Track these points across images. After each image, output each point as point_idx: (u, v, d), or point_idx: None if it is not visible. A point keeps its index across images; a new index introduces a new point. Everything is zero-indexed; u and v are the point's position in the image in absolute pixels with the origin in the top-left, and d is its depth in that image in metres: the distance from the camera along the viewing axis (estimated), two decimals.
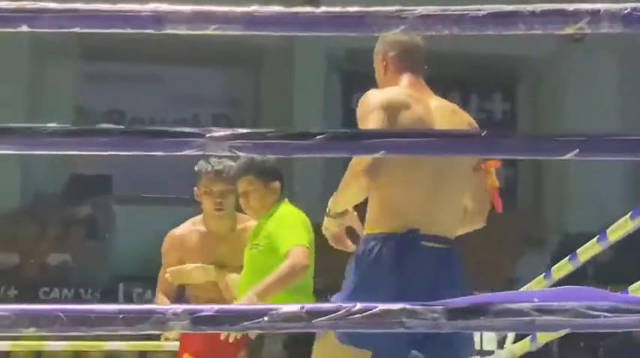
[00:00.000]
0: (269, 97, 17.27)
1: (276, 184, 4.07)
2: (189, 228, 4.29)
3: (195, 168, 4.23)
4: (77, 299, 14.19)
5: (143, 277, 15.00)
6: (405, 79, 3.31)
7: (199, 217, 4.28)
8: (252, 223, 4.14)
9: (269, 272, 3.79)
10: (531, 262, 15.48)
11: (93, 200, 16.73)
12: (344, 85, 17.56)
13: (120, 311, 1.81)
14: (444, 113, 3.18)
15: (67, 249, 15.62)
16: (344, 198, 3.13)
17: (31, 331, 1.85)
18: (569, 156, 1.78)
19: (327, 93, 17.15)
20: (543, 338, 3.88)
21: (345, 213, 3.18)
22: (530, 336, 4.01)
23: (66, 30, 1.76)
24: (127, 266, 15.57)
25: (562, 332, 3.77)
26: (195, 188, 4.23)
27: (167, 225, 4.64)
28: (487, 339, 5.03)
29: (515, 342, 4.38)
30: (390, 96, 3.20)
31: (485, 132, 1.79)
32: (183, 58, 16.98)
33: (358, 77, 17.74)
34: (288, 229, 3.89)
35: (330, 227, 3.22)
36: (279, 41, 17.11)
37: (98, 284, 14.67)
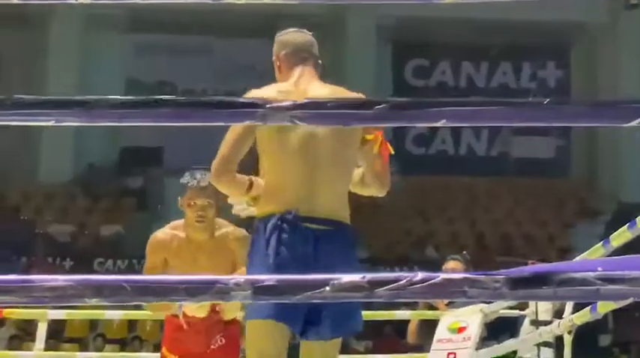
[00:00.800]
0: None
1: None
2: (170, 233, 4.53)
3: (181, 181, 4.47)
4: (131, 270, 14.33)
5: None
6: (295, 74, 3.49)
7: (180, 222, 4.48)
8: (230, 229, 4.40)
9: None
10: (585, 232, 15.36)
11: (144, 172, 16.86)
12: (395, 55, 17.47)
13: (182, 282, 1.82)
14: None
15: (120, 221, 15.77)
16: (228, 194, 3.32)
17: (94, 301, 1.87)
18: (634, 123, 1.76)
19: (379, 63, 17.08)
20: (604, 308, 3.84)
21: (257, 193, 3.27)
22: (590, 306, 3.98)
23: (124, 2, 1.76)
24: None
25: (624, 302, 3.74)
26: (180, 198, 4.46)
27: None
28: (543, 310, 5.00)
29: (573, 313, 4.35)
30: (259, 95, 3.35)
31: (548, 100, 1.77)
32: (233, 29, 17.01)
33: (409, 47, 17.66)
34: None
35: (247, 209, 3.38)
36: (330, 12, 17.06)
37: None
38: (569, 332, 4.43)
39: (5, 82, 16.87)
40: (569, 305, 4.53)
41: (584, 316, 4.12)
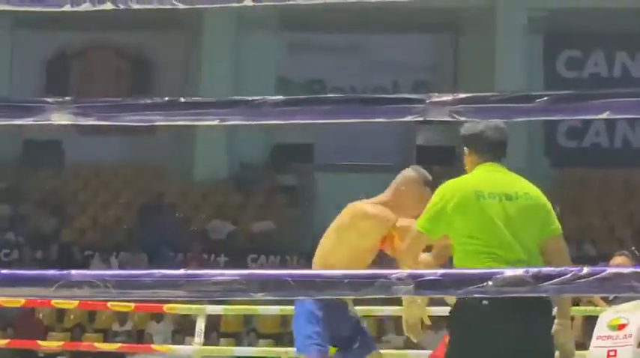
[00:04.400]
0: (470, 63, 17.09)
1: (465, 149, 3.99)
2: None
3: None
4: (284, 266, 14.50)
5: None
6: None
7: None
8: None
9: None
10: None
11: (296, 168, 17.05)
12: (546, 47, 17.17)
13: (345, 276, 1.84)
14: None
15: (272, 217, 15.98)
16: None
17: (260, 295, 1.91)
18: None
19: (529, 56, 16.82)
20: None
21: None
22: None
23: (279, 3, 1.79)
24: None
25: None
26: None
27: (367, 191, 4.71)
28: None
29: None
30: None
31: None
32: (381, 25, 17.02)
33: (561, 38, 17.33)
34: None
35: None
36: (479, 4, 16.89)
37: (302, 251, 14.97)
38: None
39: (161, 83, 17.35)
40: None
41: None
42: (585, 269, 1.76)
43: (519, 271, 1.81)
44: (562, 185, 16.33)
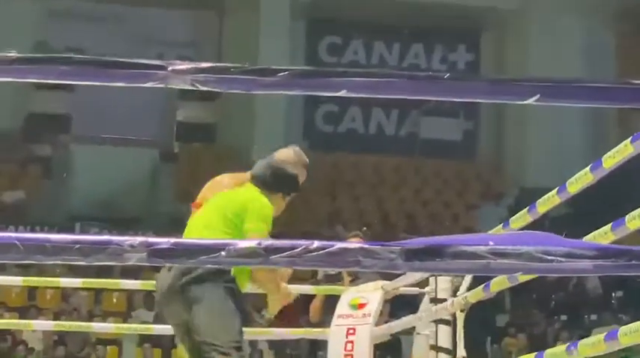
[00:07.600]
0: (233, 43, 17.16)
1: None
2: None
3: None
4: None
5: (100, 217, 14.92)
6: None
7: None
8: None
9: None
10: (488, 214, 15.61)
11: (51, 139, 16.62)
12: (309, 32, 17.47)
13: (76, 241, 1.80)
14: None
15: (24, 187, 15.51)
16: None
17: None
18: (530, 100, 1.79)
19: (292, 39, 17.06)
20: (496, 286, 3.91)
21: None
22: (483, 285, 4.05)
23: None
24: (83, 206, 15.52)
25: (516, 282, 3.81)
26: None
27: (125, 166, 4.64)
28: (442, 288, 5.06)
29: (469, 290, 4.41)
30: None
31: (448, 74, 1.79)
32: None
33: (324, 24, 17.67)
34: None
35: None
36: None
37: (54, 223, 14.61)
38: (462, 310, 4.49)
39: None
40: (465, 284, 4.59)
41: (478, 294, 4.19)
42: (315, 243, 1.80)
43: (252, 243, 1.83)
44: (317, 168, 16.70)
